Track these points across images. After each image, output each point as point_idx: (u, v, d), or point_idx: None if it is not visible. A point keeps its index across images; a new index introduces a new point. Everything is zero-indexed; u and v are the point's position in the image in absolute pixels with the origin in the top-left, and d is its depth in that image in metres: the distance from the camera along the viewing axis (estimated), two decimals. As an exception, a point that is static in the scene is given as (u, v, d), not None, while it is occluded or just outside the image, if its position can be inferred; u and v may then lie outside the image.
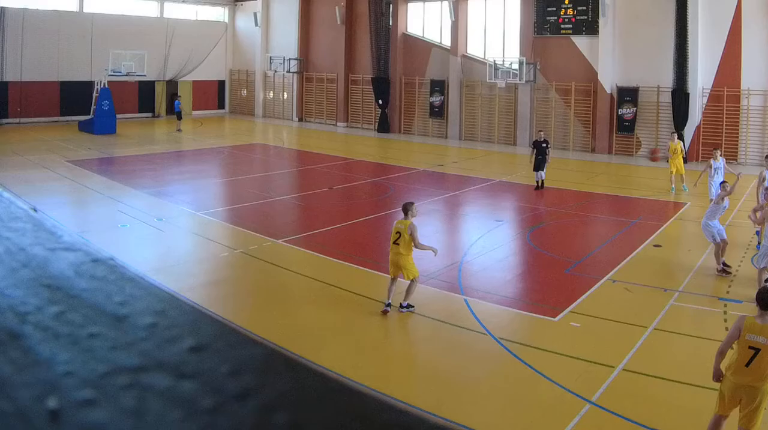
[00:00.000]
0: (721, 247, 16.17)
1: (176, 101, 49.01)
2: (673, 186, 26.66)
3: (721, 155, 23.72)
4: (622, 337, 11.92)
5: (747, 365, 8.04)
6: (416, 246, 13.23)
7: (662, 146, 36.29)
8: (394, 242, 13.33)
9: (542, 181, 27.29)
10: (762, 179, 19.25)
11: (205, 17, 60.54)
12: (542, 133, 28.95)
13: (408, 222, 13.32)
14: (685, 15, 35.43)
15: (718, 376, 8.43)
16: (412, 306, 13.36)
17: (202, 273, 16.00)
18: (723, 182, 17.99)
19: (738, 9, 34.67)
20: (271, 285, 15.25)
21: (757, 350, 8.00)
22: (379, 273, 15.22)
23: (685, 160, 29.26)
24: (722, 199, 16.60)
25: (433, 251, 13.98)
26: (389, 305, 13.25)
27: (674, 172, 26.54)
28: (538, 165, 27.02)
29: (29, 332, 0.83)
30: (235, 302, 14.15)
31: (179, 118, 47.53)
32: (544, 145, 27.34)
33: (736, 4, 34.68)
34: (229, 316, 11.37)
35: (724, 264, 16.08)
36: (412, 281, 13.28)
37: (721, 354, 8.42)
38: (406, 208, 13.55)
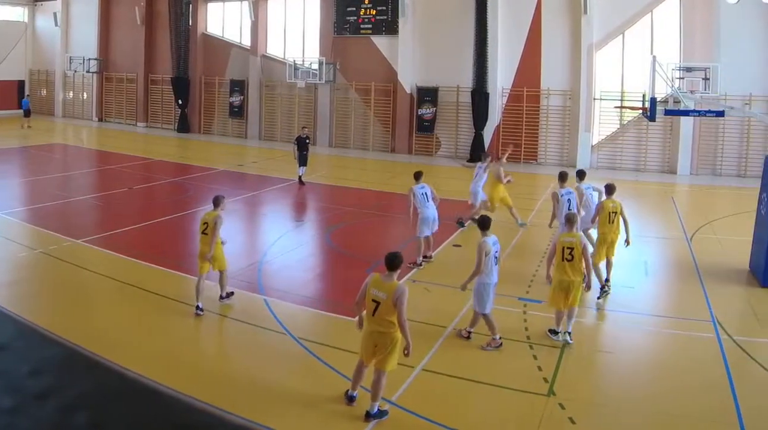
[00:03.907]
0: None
1: (24, 100, 42.95)
2: None
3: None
4: (421, 337, 10.39)
5: (373, 314, 8.10)
6: (212, 237, 11.82)
7: (462, 146, 32.07)
8: (203, 232, 11.98)
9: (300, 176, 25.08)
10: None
11: (5, 17, 50.64)
12: (306, 129, 26.43)
13: (216, 213, 11.94)
14: (485, 16, 30.94)
15: (360, 324, 8.50)
16: (232, 293, 12.36)
17: (0, 273, 13.88)
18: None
19: (538, 10, 30.69)
20: (71, 285, 13.32)
21: (378, 303, 8.05)
22: (179, 273, 13.92)
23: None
24: None
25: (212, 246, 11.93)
26: (200, 308, 11.66)
27: None
28: (303, 161, 24.73)
29: None
30: (34, 303, 12.20)
31: (27, 115, 41.61)
32: (307, 141, 25.11)
33: (535, 6, 30.69)
34: (28, 316, 10.66)
35: None
36: (221, 272, 12.12)
37: (357, 305, 8.45)
38: (217, 201, 12.16)
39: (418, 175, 15.04)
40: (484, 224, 10.75)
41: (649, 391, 9.19)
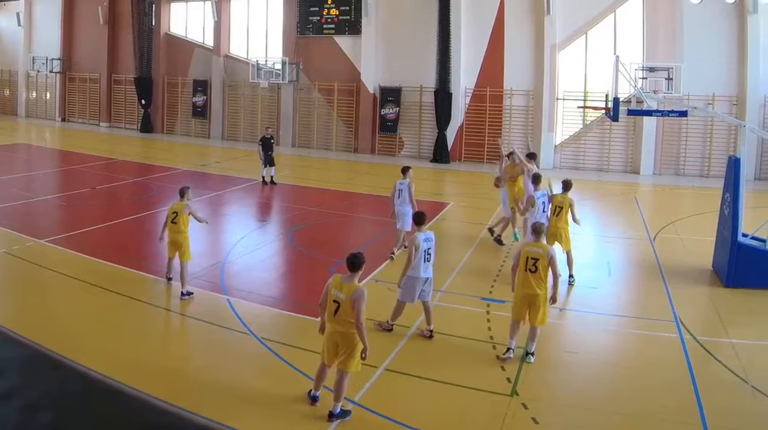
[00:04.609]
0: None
1: None
2: None
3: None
4: (384, 337, 10.49)
5: (334, 315, 7.98)
6: (198, 219, 12.65)
7: (426, 146, 31.12)
8: (172, 221, 12.29)
9: (272, 177, 24.31)
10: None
11: (-33, 17, 49.13)
12: (269, 129, 26.19)
13: (183, 203, 12.40)
14: (448, 16, 30.16)
15: (322, 328, 8.33)
16: (191, 293, 12.21)
17: (-39, 274, 13.57)
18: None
19: (500, 10, 30.07)
20: (34, 285, 13.11)
21: (338, 304, 7.95)
22: (142, 273, 13.71)
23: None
24: None
25: (205, 220, 13.23)
26: (171, 278, 12.64)
27: None
28: (270, 161, 24.01)
29: None
30: (-4, 303, 11.82)
31: None
32: (272, 141, 24.59)
33: (498, 6, 30.06)
34: (-10, 317, 10.24)
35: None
36: (183, 263, 12.20)
37: (321, 307, 8.33)
38: (183, 192, 12.66)
39: (403, 170, 15.29)
40: (419, 219, 10.83)
41: (612, 391, 9.09)
